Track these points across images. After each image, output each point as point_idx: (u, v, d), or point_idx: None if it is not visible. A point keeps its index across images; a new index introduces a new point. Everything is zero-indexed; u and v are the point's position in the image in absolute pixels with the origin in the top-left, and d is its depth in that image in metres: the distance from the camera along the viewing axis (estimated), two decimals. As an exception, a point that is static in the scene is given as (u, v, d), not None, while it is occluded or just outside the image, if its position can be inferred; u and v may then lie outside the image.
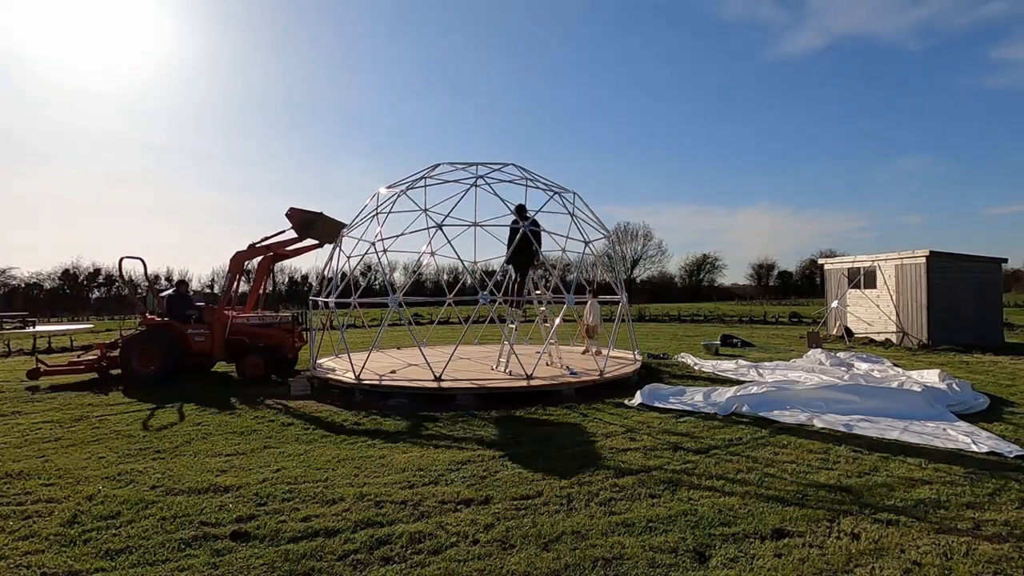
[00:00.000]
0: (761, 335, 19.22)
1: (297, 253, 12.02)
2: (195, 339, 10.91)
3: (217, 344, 10.95)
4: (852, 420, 6.71)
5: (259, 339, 11.10)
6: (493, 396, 8.19)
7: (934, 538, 3.72)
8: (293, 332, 11.54)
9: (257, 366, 10.70)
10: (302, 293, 52.18)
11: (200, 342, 10.92)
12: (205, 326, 11.00)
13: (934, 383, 8.34)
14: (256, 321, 11.46)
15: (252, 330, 11.21)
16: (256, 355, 10.80)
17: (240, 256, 11.42)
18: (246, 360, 10.77)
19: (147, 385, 10.10)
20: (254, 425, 7.14)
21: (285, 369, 11.35)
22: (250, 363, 10.73)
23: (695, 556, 3.53)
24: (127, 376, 10.52)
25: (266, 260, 11.84)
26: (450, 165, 10.94)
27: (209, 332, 10.96)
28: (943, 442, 5.87)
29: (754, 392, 7.65)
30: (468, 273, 14.13)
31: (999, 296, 15.74)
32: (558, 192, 10.59)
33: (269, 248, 11.47)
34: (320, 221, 11.18)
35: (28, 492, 4.84)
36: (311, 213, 11.01)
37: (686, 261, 72.37)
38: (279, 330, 11.32)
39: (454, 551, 3.65)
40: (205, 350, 10.97)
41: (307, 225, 11.06)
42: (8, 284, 52.50)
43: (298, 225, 11.06)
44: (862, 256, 17.39)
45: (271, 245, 11.47)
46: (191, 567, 3.49)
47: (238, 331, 11.09)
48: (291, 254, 12.03)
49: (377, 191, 10.91)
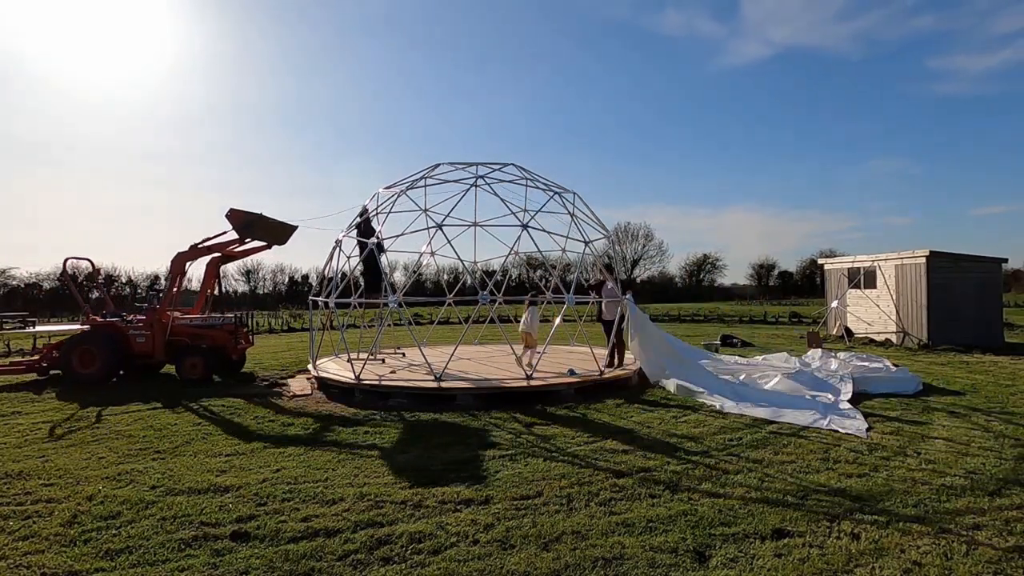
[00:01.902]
0: (761, 335, 19.22)
1: (246, 254, 11.99)
2: (136, 340, 10.88)
3: (158, 345, 10.88)
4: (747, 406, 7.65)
5: (201, 340, 11.06)
6: (493, 396, 8.19)
7: (934, 538, 3.72)
8: (237, 333, 11.54)
9: (196, 367, 10.66)
10: (302, 293, 52.19)
11: (141, 343, 10.88)
12: (147, 327, 10.97)
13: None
14: (198, 322, 11.43)
15: (193, 331, 11.17)
16: (196, 356, 10.76)
17: (182, 257, 11.31)
18: (186, 361, 10.73)
19: (87, 386, 10.05)
20: (254, 425, 7.14)
21: (231, 370, 11.44)
22: (189, 364, 10.70)
23: (695, 556, 3.53)
24: (67, 377, 10.51)
25: (214, 261, 11.77)
26: (450, 165, 10.95)
27: (151, 333, 10.91)
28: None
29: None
30: (468, 273, 14.14)
31: (999, 296, 15.73)
32: (558, 192, 10.60)
33: (211, 249, 11.37)
34: (260, 222, 11.06)
35: (28, 492, 4.84)
36: (251, 214, 10.90)
37: (686, 261, 72.30)
38: (221, 331, 11.30)
39: (454, 551, 3.65)
40: (147, 351, 10.91)
41: (247, 226, 10.94)
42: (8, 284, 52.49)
43: (238, 226, 10.92)
44: (862, 256, 17.38)
45: (213, 246, 11.36)
46: (191, 567, 3.49)
47: (179, 332, 11.05)
48: (239, 255, 12.01)
49: (377, 191, 10.93)
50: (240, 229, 10.93)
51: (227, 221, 10.85)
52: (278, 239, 11.77)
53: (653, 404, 7.97)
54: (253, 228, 11.03)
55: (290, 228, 11.88)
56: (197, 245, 11.28)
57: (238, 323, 11.96)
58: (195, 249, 11.29)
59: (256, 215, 10.95)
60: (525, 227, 9.51)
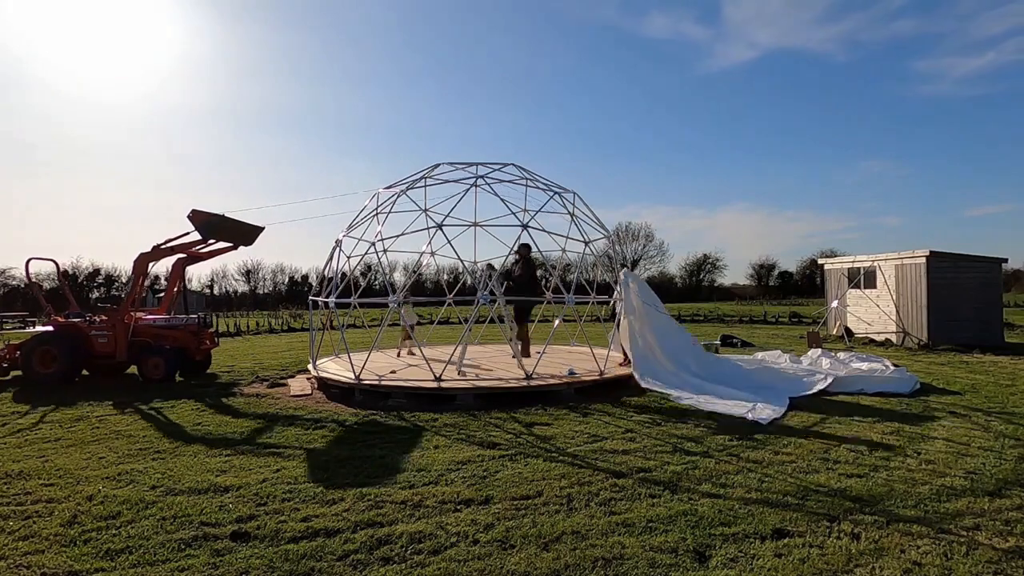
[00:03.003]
0: (761, 335, 19.22)
1: (211, 255, 11.96)
2: (98, 340, 10.85)
3: (120, 345, 10.86)
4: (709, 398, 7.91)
5: (164, 340, 11.06)
6: (493, 396, 8.19)
7: (934, 538, 3.72)
8: (201, 334, 11.55)
9: (158, 367, 10.67)
10: (302, 293, 52.18)
11: (104, 343, 10.86)
12: (109, 327, 10.95)
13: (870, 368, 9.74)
14: (161, 323, 11.43)
15: (156, 331, 11.17)
16: (158, 356, 10.76)
17: (144, 258, 11.26)
18: (147, 361, 10.75)
19: (47, 386, 10.05)
20: (254, 425, 7.14)
21: (196, 371, 11.47)
22: (151, 364, 10.71)
23: (695, 556, 3.53)
24: (27, 377, 10.51)
25: (179, 262, 11.74)
26: (450, 165, 10.94)
27: (113, 333, 10.88)
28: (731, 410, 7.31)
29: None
30: (468, 273, 14.13)
31: (999, 296, 15.73)
32: (558, 192, 10.60)
33: (174, 250, 11.32)
34: (222, 223, 11.02)
35: (28, 492, 4.84)
36: (213, 215, 10.85)
37: (686, 261, 72.40)
38: (184, 332, 11.30)
39: (454, 551, 3.65)
40: (109, 351, 10.89)
41: (209, 227, 10.89)
42: (8, 284, 52.49)
43: (200, 227, 10.85)
44: (862, 256, 17.38)
45: (176, 247, 11.31)
46: (191, 567, 3.49)
47: (141, 332, 11.04)
48: (205, 256, 11.96)
49: (377, 191, 10.93)
50: (202, 230, 10.87)
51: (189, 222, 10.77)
52: (244, 240, 11.76)
53: (653, 404, 7.97)
54: (215, 229, 11.00)
55: (256, 229, 11.88)
56: (160, 246, 11.24)
57: (202, 324, 11.98)
58: (158, 250, 11.25)
59: (218, 216, 10.92)
60: (525, 227, 9.51)
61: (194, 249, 11.44)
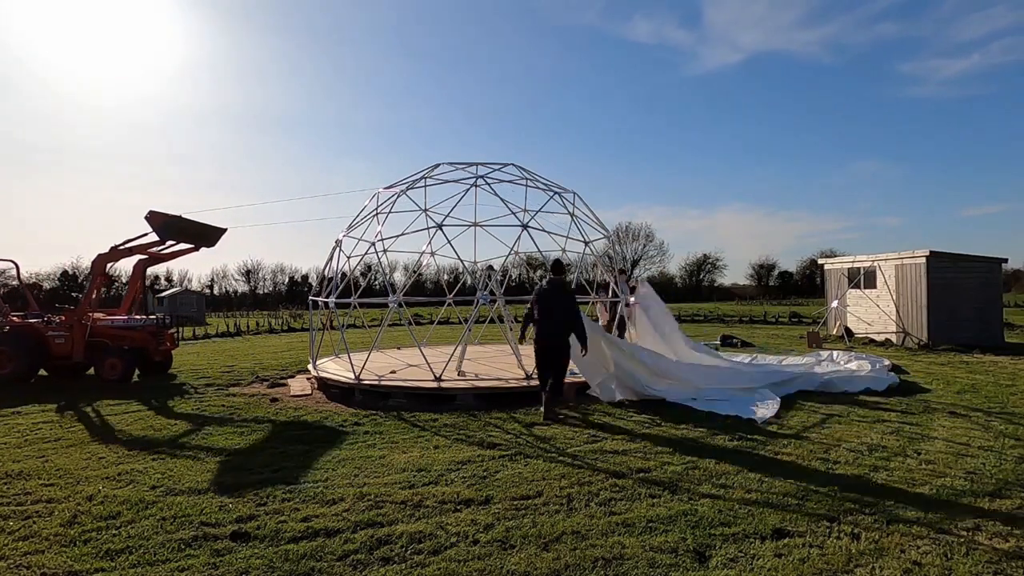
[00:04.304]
0: (761, 335, 19.22)
1: (173, 256, 11.97)
2: (55, 341, 10.82)
3: (78, 346, 10.83)
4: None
5: (122, 341, 11.04)
6: (493, 396, 8.19)
7: (934, 538, 3.72)
8: (160, 334, 11.55)
9: (115, 368, 10.67)
10: (302, 293, 52.16)
11: (61, 344, 10.83)
12: (66, 328, 10.91)
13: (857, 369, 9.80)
14: (120, 323, 11.41)
15: (114, 332, 11.14)
16: (115, 357, 10.74)
17: (102, 259, 11.26)
18: (105, 362, 10.74)
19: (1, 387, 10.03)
20: (254, 425, 7.14)
21: (157, 371, 11.50)
22: (108, 364, 10.71)
23: (695, 556, 3.53)
24: None
25: (140, 263, 11.75)
26: (450, 165, 10.95)
27: (70, 334, 10.85)
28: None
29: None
30: (468, 273, 14.13)
31: (999, 296, 15.72)
32: (558, 192, 10.60)
33: (133, 251, 11.33)
34: (179, 224, 11.02)
35: (28, 492, 4.84)
36: (171, 216, 10.85)
37: (686, 261, 72.52)
38: (143, 332, 11.29)
39: (454, 551, 3.65)
40: (66, 352, 10.86)
41: (167, 228, 10.90)
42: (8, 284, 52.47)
43: (158, 229, 10.85)
44: (862, 256, 17.38)
45: (135, 248, 11.31)
46: (191, 567, 3.49)
47: (100, 333, 11.02)
48: (166, 257, 11.99)
49: (377, 191, 10.92)
50: (160, 231, 10.88)
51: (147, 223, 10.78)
52: (205, 241, 11.75)
53: (653, 404, 7.96)
54: (173, 230, 11.00)
55: (217, 231, 11.89)
56: (118, 247, 11.25)
57: (161, 325, 11.98)
58: (115, 251, 11.25)
59: (175, 217, 10.92)
60: (525, 227, 9.51)
61: (154, 250, 11.43)
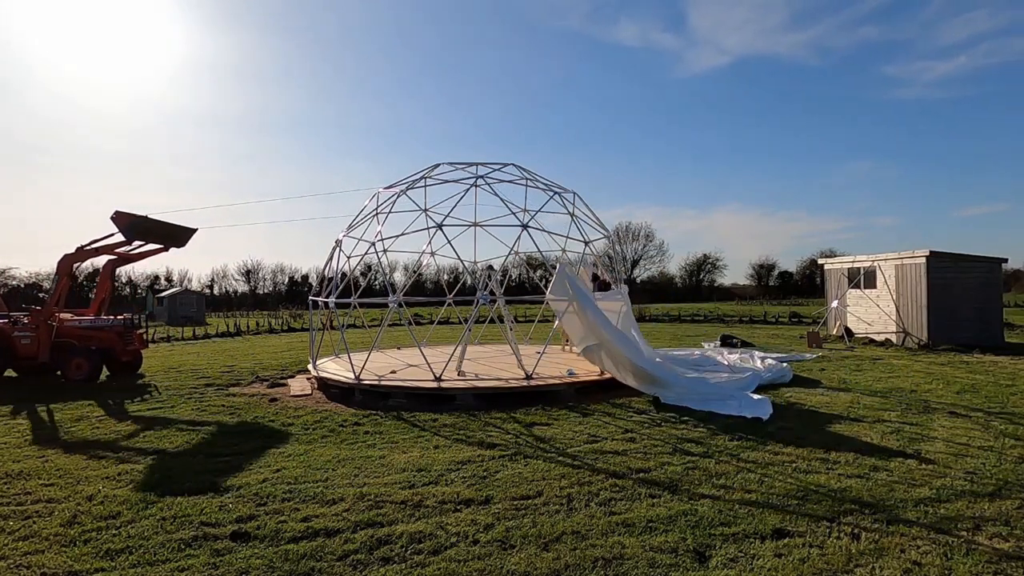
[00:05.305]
0: (761, 335, 19.22)
1: (141, 256, 11.98)
2: (21, 341, 10.82)
3: (43, 346, 10.84)
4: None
5: (89, 341, 11.03)
6: (493, 396, 8.19)
7: (934, 538, 3.72)
8: (127, 335, 11.55)
9: (81, 368, 10.68)
10: (302, 293, 52.18)
11: (27, 344, 10.83)
12: (32, 328, 10.91)
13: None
14: (87, 324, 11.40)
15: (81, 332, 11.14)
16: (81, 357, 10.73)
17: (68, 259, 11.25)
18: (71, 362, 10.73)
19: None
20: (254, 425, 7.14)
21: (125, 371, 11.51)
22: (74, 365, 10.72)
23: (695, 556, 3.53)
24: None
25: (109, 263, 11.75)
26: (450, 165, 10.95)
27: (36, 334, 10.86)
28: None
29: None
30: (468, 273, 14.14)
31: (999, 296, 15.71)
32: (558, 192, 10.60)
33: (99, 251, 11.33)
34: (144, 225, 11.01)
35: (28, 492, 4.84)
36: (137, 217, 10.84)
37: (686, 261, 72.41)
38: (110, 333, 11.29)
39: (454, 551, 3.65)
40: (31, 352, 10.86)
41: (133, 229, 10.90)
42: (8, 284, 52.48)
43: (124, 229, 10.85)
44: (862, 256, 17.37)
45: (101, 248, 11.31)
46: (191, 567, 3.49)
47: (66, 333, 11.02)
48: (135, 257, 12.00)
49: (377, 191, 10.93)
50: (126, 231, 10.88)
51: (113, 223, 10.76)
52: (174, 242, 11.77)
53: (653, 404, 7.96)
54: (140, 230, 11.01)
55: (186, 231, 11.89)
56: (84, 247, 11.25)
57: (129, 325, 11.98)
58: (81, 251, 11.25)
59: (141, 217, 10.92)
60: (525, 227, 9.51)
61: (122, 250, 11.42)
